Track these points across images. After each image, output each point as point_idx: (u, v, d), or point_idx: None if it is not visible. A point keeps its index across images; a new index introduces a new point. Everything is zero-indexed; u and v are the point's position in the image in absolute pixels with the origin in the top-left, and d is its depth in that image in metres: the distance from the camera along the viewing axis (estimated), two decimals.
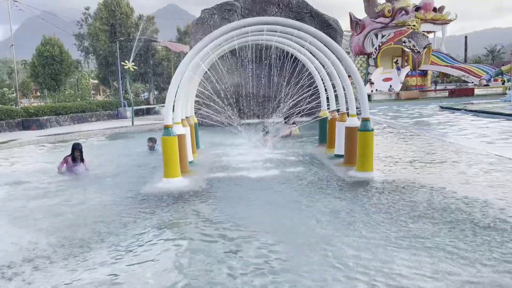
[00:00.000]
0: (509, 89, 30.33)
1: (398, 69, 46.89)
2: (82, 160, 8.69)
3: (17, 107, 22.06)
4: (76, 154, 8.62)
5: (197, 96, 12.19)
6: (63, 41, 36.38)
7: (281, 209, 5.58)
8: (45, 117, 21.09)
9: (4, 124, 19.42)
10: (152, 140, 11.30)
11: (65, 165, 8.61)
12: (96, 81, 47.40)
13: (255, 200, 6.08)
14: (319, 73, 10.54)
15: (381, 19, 49.15)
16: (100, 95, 55.56)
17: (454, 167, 7.77)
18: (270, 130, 11.94)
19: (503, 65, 51.02)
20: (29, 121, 20.44)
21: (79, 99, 32.20)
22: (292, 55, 11.22)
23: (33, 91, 56.40)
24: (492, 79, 45.06)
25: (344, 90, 9.03)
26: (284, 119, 14.43)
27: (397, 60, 49.10)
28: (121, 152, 11.87)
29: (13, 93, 32.80)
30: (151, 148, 11.21)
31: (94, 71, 43.00)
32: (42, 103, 32.89)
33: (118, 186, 7.34)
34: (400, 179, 6.84)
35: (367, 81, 45.14)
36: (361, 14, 52.77)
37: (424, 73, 48.57)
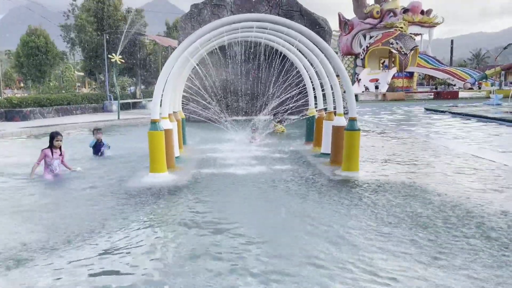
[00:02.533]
0: (493, 92, 30.86)
1: (386, 66, 47.38)
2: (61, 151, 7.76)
3: (0, 97, 21.64)
4: (56, 142, 7.63)
5: (185, 91, 12.13)
6: (49, 32, 35.74)
7: (264, 207, 5.60)
8: (29, 109, 20.73)
9: None
10: (99, 131, 9.74)
11: (43, 162, 7.56)
12: (82, 74, 46.73)
13: (239, 197, 6.09)
14: (307, 72, 10.58)
15: (369, 20, 49.59)
16: (85, 87, 54.83)
17: (437, 168, 7.88)
18: (258, 127, 11.95)
19: (487, 69, 51.98)
20: (12, 112, 20.06)
21: (64, 91, 31.72)
22: (281, 53, 11.23)
23: (17, 81, 55.43)
24: (476, 83, 45.86)
25: (332, 89, 9.08)
26: (274, 115, 14.42)
27: (384, 61, 49.59)
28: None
29: None
30: (99, 141, 9.58)
31: (80, 63, 42.35)
32: (25, 94, 32.34)
33: (102, 181, 7.27)
34: (385, 179, 6.90)
35: (354, 80, 45.50)
36: (350, 15, 53.12)
37: (410, 75, 49.18)
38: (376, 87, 42.87)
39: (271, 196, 6.07)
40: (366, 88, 43.92)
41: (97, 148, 9.60)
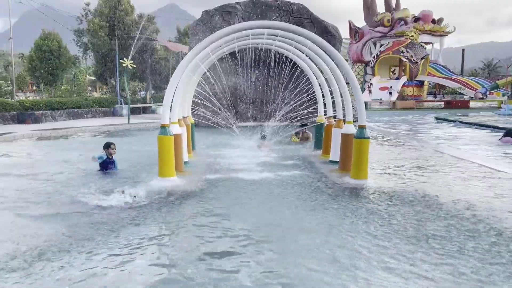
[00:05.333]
0: (504, 103, 30.59)
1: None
2: None
3: (13, 100, 21.93)
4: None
5: (194, 96, 12.20)
6: (61, 36, 36.17)
7: (272, 213, 5.59)
8: (41, 112, 20.98)
9: None
10: (111, 147, 8.46)
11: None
12: (93, 78, 47.22)
13: (247, 202, 6.09)
14: (317, 79, 10.58)
15: (380, 28, 49.52)
16: (96, 91, 55.33)
17: (447, 178, 7.82)
18: (267, 133, 11.96)
19: (498, 79, 51.52)
20: (24, 114, 20.31)
21: (75, 95, 32.05)
22: (291, 60, 11.25)
23: (29, 84, 56.04)
24: (487, 93, 45.44)
25: (341, 96, 9.07)
26: (301, 125, 13.95)
27: (394, 69, 49.42)
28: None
29: (9, 86, 32.55)
30: (110, 157, 8.45)
31: (92, 67, 42.81)
32: (37, 97, 32.68)
33: (110, 184, 7.32)
34: (394, 189, 6.87)
35: (364, 88, 45.37)
36: (360, 23, 53.11)
37: (420, 84, 48.94)
38: (390, 93, 42.67)
39: (278, 202, 6.07)
40: (369, 92, 43.77)
41: (105, 164, 8.40)
